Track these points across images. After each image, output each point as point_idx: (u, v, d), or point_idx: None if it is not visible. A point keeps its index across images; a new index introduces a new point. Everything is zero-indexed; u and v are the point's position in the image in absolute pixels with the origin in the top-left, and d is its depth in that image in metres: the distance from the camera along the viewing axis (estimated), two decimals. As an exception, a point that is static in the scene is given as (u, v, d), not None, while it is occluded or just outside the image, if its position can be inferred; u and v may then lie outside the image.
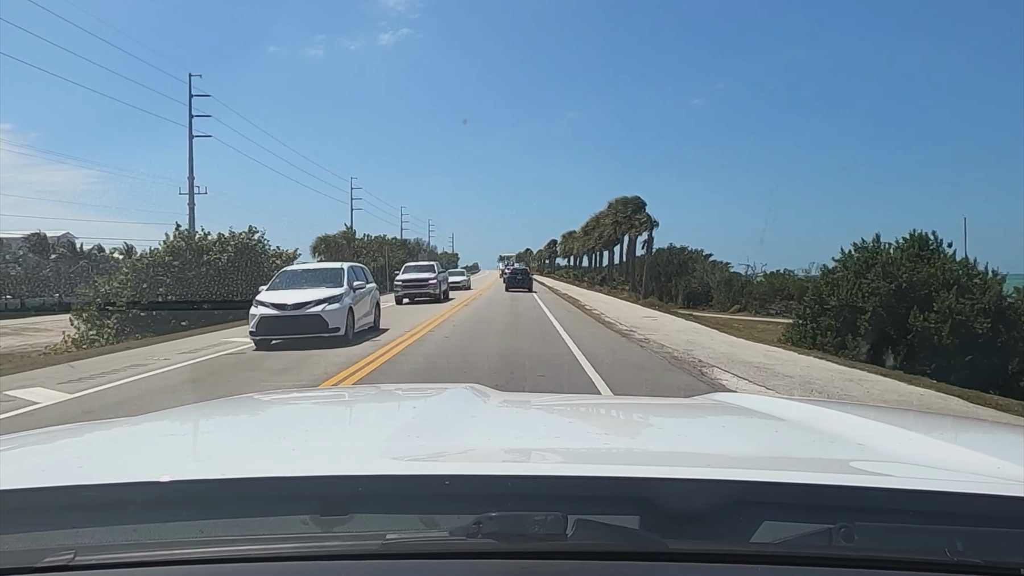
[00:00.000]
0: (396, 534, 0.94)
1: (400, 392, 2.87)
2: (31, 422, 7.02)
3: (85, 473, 1.17)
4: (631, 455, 1.49)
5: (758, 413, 1.98)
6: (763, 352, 13.19)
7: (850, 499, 1.01)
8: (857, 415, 1.85)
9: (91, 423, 1.93)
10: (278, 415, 2.05)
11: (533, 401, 2.41)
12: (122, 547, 0.95)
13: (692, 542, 0.95)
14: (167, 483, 1.05)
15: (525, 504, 0.97)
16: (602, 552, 0.94)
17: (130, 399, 8.43)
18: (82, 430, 1.79)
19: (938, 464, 1.25)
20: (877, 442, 1.46)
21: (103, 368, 11.13)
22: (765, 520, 0.98)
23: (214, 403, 2.31)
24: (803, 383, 9.53)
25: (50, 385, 9.44)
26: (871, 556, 0.94)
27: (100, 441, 1.58)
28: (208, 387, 9.37)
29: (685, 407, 2.26)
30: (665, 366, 11.11)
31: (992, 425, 2.64)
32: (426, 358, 11.54)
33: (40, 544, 0.95)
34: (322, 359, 11.19)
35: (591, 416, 2.03)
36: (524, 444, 1.48)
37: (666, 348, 13.24)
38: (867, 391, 9.07)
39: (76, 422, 2.19)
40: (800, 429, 1.68)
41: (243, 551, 0.93)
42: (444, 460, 1.24)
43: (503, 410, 2.04)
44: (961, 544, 0.93)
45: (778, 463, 1.32)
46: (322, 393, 2.79)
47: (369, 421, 1.94)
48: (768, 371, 10.58)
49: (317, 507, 1.00)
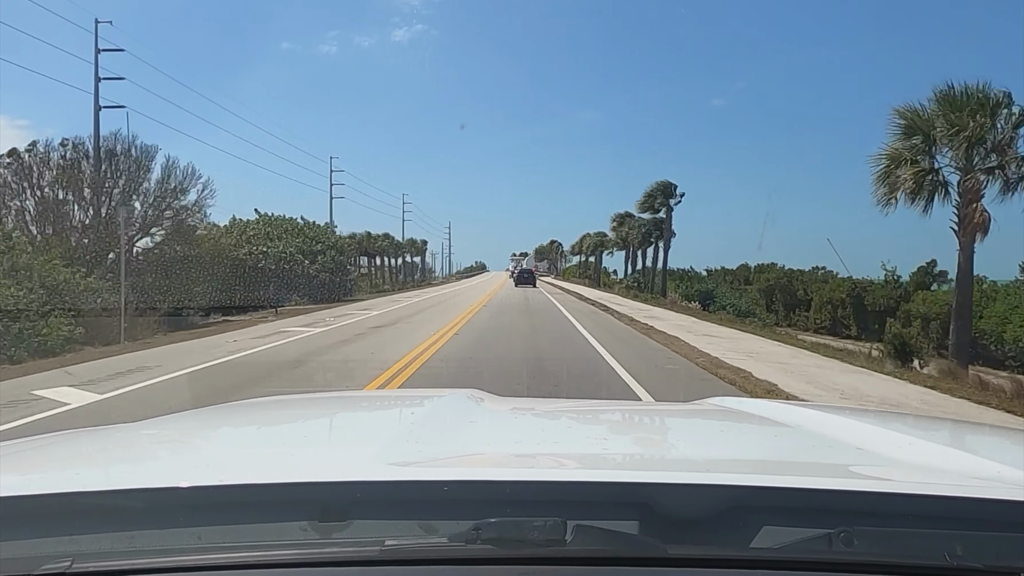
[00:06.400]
0: (395, 540, 0.94)
1: (399, 397, 2.87)
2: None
3: (82, 480, 1.17)
4: (630, 460, 1.48)
5: (757, 417, 1.98)
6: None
7: (850, 503, 1.01)
8: (856, 419, 1.84)
9: (88, 429, 1.93)
10: (276, 421, 2.05)
11: (532, 406, 2.41)
12: (119, 554, 0.95)
13: (692, 547, 0.95)
14: (164, 489, 1.05)
15: (524, 510, 0.97)
16: (601, 557, 0.94)
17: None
18: (79, 437, 1.78)
19: (937, 468, 1.26)
20: (876, 446, 1.46)
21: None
22: (765, 525, 0.98)
23: (212, 409, 2.31)
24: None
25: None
26: (871, 560, 0.94)
27: (97, 447, 1.58)
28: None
29: (684, 412, 2.25)
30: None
31: (991, 429, 2.64)
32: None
33: (37, 551, 0.94)
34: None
35: (590, 421, 2.03)
36: (523, 449, 1.48)
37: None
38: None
39: (74, 428, 2.18)
40: (799, 433, 1.68)
41: (241, 558, 0.93)
42: (443, 466, 1.24)
43: (502, 415, 2.03)
44: (961, 548, 0.93)
45: (778, 468, 1.32)
46: (321, 398, 2.79)
47: (368, 426, 1.93)
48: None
49: (316, 513, 0.99)
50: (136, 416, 2.20)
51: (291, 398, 2.77)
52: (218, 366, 10.99)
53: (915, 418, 3.29)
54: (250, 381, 9.71)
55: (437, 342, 14.14)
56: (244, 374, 10.42)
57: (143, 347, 13.43)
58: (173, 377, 9.78)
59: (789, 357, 13.08)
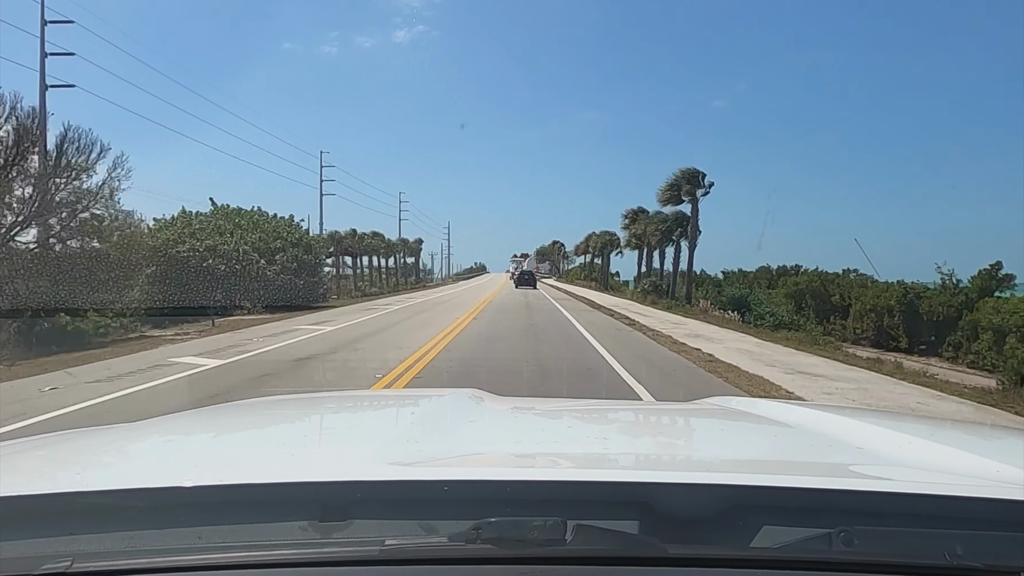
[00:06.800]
0: (395, 540, 0.94)
1: (399, 397, 2.86)
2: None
3: (83, 479, 1.17)
4: (630, 459, 1.48)
5: (757, 417, 1.98)
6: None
7: (849, 503, 1.01)
8: (856, 419, 1.84)
9: (89, 429, 1.93)
10: (277, 420, 2.05)
11: (533, 406, 2.41)
12: (120, 554, 0.95)
13: (692, 547, 0.95)
14: (165, 489, 1.05)
15: (524, 509, 0.97)
16: (601, 557, 0.94)
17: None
18: (80, 436, 1.78)
19: (937, 468, 1.25)
20: (876, 446, 1.46)
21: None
22: (765, 524, 0.98)
23: (212, 409, 2.31)
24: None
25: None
26: (871, 560, 0.94)
27: (98, 447, 1.58)
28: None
29: (684, 411, 2.25)
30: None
31: (991, 428, 2.64)
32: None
33: (38, 551, 0.94)
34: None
35: (590, 421, 2.03)
36: (523, 449, 1.48)
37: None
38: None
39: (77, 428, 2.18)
40: (799, 433, 1.68)
41: (242, 557, 0.93)
42: (443, 465, 1.24)
43: (502, 415, 2.03)
44: (960, 548, 0.93)
45: (777, 467, 1.32)
46: (321, 397, 2.79)
47: (368, 426, 1.93)
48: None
49: (316, 513, 0.99)
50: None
51: (291, 398, 2.77)
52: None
53: (914, 418, 3.29)
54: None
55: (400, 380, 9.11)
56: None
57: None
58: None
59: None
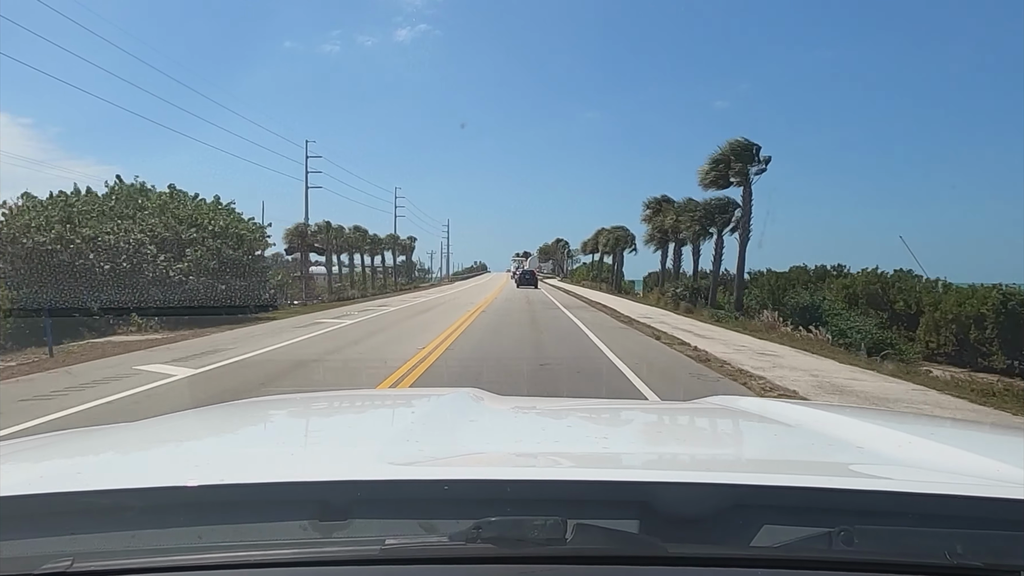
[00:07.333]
0: (395, 539, 0.94)
1: (400, 397, 2.86)
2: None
3: (82, 479, 1.17)
4: (630, 459, 1.48)
5: (758, 416, 1.98)
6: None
7: (850, 502, 1.01)
8: (856, 418, 1.84)
9: (89, 429, 1.93)
10: (277, 420, 2.05)
11: (533, 405, 2.41)
12: (120, 553, 0.95)
13: (692, 546, 0.95)
14: (165, 488, 1.05)
15: (524, 509, 0.97)
16: (601, 556, 0.94)
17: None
18: (79, 436, 1.78)
19: (937, 467, 1.25)
20: (876, 445, 1.46)
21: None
22: (765, 524, 0.98)
23: (213, 408, 2.31)
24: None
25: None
26: (871, 559, 0.94)
27: (98, 447, 1.58)
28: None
29: (685, 411, 2.25)
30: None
31: (991, 428, 2.64)
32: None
33: (37, 551, 0.94)
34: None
35: (591, 420, 2.03)
36: (523, 448, 1.48)
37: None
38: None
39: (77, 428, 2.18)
40: (800, 432, 1.68)
41: (242, 557, 0.93)
42: (443, 465, 1.24)
43: (502, 414, 2.03)
44: (961, 547, 0.93)
45: (778, 466, 1.32)
46: (321, 397, 2.79)
47: (368, 426, 1.93)
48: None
49: (316, 512, 0.99)
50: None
51: (291, 398, 2.77)
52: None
53: (915, 417, 3.29)
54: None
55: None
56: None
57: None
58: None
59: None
